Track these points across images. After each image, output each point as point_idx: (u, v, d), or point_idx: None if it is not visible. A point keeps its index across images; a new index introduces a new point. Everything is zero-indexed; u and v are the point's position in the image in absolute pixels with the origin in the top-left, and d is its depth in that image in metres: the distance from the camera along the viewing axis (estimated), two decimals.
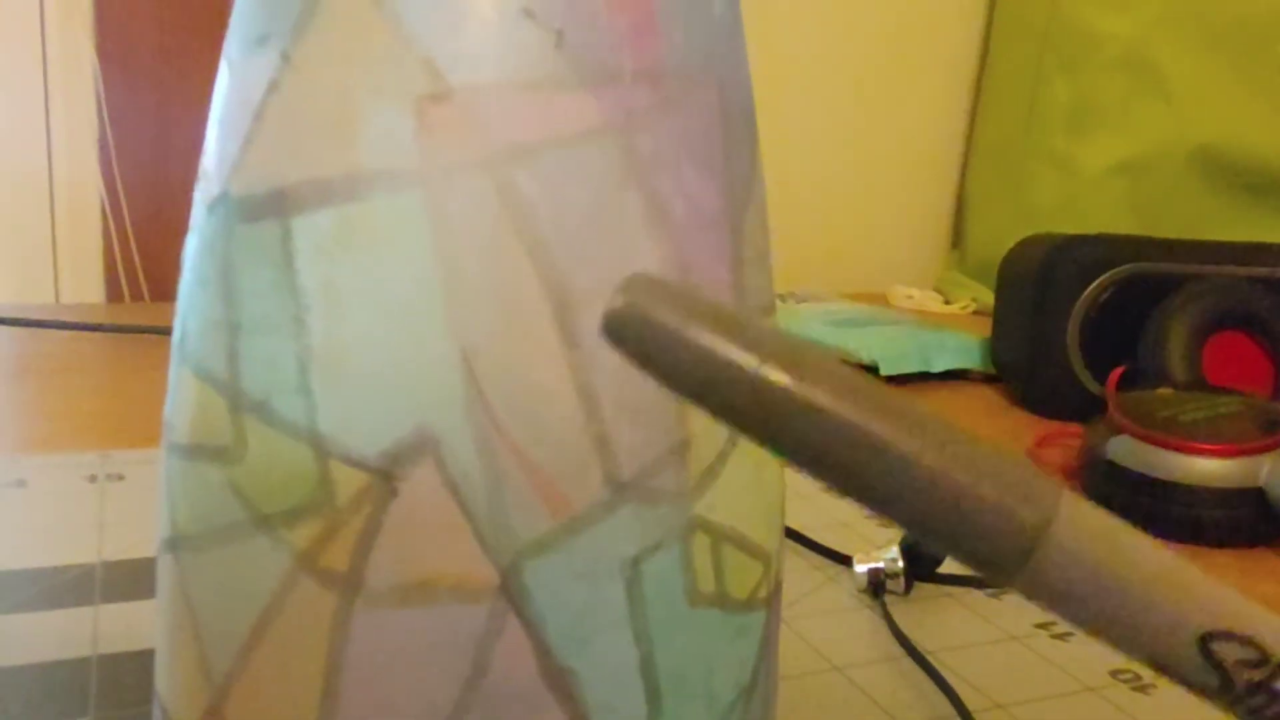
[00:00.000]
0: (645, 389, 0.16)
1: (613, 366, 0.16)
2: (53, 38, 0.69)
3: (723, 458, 0.18)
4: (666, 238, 0.17)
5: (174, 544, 0.18)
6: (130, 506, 0.37)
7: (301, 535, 0.16)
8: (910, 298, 0.85)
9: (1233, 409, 0.42)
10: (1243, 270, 0.54)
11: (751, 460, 0.18)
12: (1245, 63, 0.76)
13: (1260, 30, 0.76)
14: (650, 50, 0.16)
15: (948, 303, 0.84)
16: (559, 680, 0.16)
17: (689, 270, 0.17)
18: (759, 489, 0.19)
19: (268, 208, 0.16)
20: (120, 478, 0.39)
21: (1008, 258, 0.59)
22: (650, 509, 0.17)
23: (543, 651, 0.16)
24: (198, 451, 0.17)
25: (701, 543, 0.17)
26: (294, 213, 0.16)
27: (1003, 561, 0.11)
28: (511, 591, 0.16)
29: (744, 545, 0.18)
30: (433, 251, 0.15)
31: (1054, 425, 0.54)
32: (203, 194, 0.17)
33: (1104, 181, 0.78)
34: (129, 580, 0.32)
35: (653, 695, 0.17)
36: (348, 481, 0.16)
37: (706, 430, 0.17)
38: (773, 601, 0.20)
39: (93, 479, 0.39)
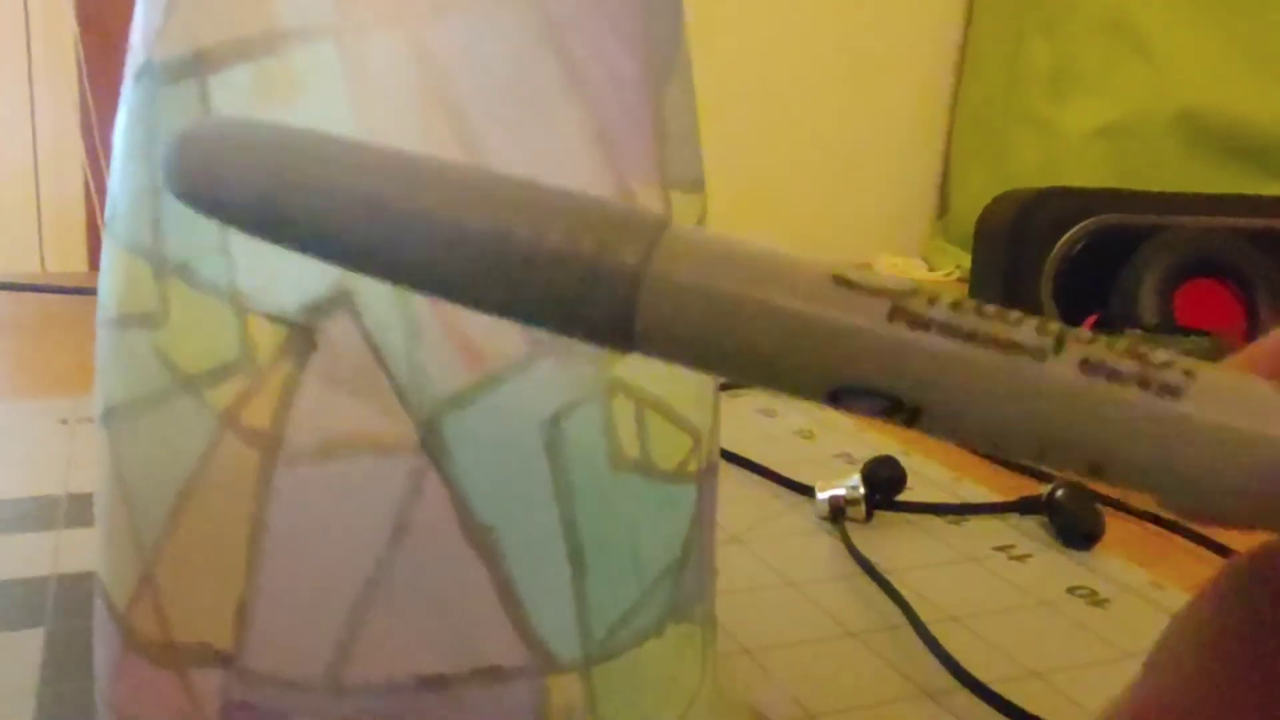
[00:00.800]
0: None
1: None
2: (35, 13, 0.69)
3: None
4: (583, 102, 0.17)
5: (107, 417, 0.18)
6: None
7: (223, 394, 0.16)
8: (895, 266, 0.85)
9: (1202, 347, 0.43)
10: (1214, 220, 0.54)
11: None
12: (1227, 25, 0.76)
13: None
14: None
15: (932, 270, 0.84)
16: (481, 538, 0.17)
17: (607, 136, 0.17)
18: None
19: (187, 69, 0.16)
20: (90, 420, 0.40)
21: (984, 213, 0.59)
22: (569, 365, 0.17)
23: (464, 508, 0.17)
24: (125, 321, 0.17)
25: (624, 406, 0.18)
26: (212, 71, 0.16)
27: (610, 316, 0.10)
28: (431, 447, 0.16)
29: (670, 415, 0.18)
30: (348, 107, 0.16)
31: None
32: (130, 68, 0.17)
33: (1085, 144, 0.78)
34: (92, 509, 0.32)
35: (576, 558, 0.17)
36: (267, 338, 0.16)
37: None
38: (705, 480, 0.20)
39: (64, 421, 0.39)
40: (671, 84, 0.18)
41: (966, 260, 0.84)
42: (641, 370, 0.18)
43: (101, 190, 0.69)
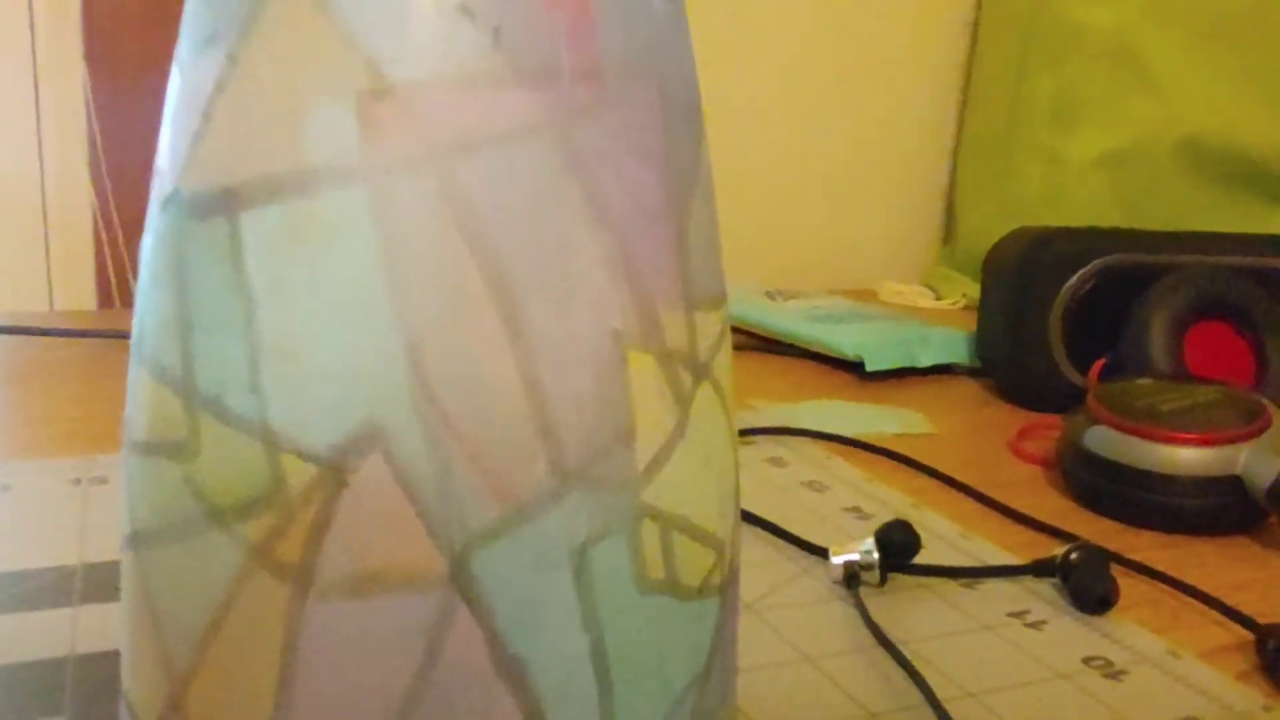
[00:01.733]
0: (590, 379, 0.17)
1: (557, 357, 0.17)
2: (42, 47, 0.69)
3: (670, 446, 0.18)
4: (607, 230, 0.17)
5: (134, 540, 0.18)
6: (112, 509, 0.37)
7: (255, 529, 0.16)
8: (900, 294, 0.85)
9: (1212, 398, 0.43)
10: (1223, 260, 0.54)
11: (700, 449, 0.18)
12: (1229, 55, 0.76)
13: (1245, 23, 0.76)
14: (588, 48, 0.16)
15: (938, 298, 0.84)
16: (510, 668, 0.17)
17: (631, 262, 0.17)
18: (709, 477, 0.19)
19: (217, 205, 0.16)
20: (104, 481, 0.40)
21: (992, 252, 0.59)
22: (597, 497, 0.17)
23: (493, 639, 0.17)
24: (154, 448, 0.18)
25: (650, 530, 0.18)
26: (242, 209, 0.16)
27: None
28: (461, 580, 0.16)
29: (695, 533, 0.19)
30: (377, 246, 0.16)
31: (1036, 417, 0.54)
32: (157, 192, 0.18)
33: (1089, 174, 0.78)
34: (109, 582, 0.32)
35: (604, 682, 0.17)
36: (299, 475, 0.16)
37: (653, 419, 0.18)
38: (728, 589, 0.20)
39: (76, 482, 0.39)
40: (694, 201, 0.19)
41: (973, 289, 0.84)
42: (668, 492, 0.18)
43: (111, 227, 0.69)
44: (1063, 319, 0.54)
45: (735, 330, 0.70)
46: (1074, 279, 0.54)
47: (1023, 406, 0.56)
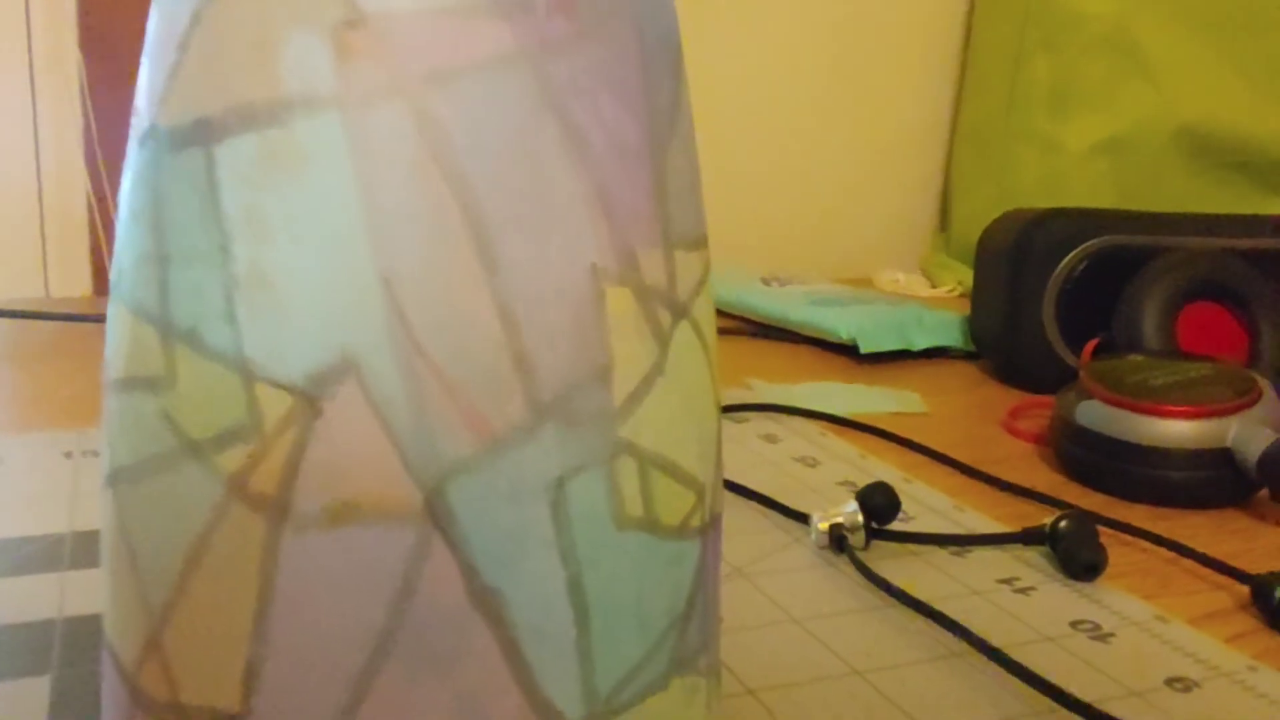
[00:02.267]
0: (566, 313, 0.17)
1: (533, 290, 0.17)
2: (38, 35, 0.69)
3: (647, 383, 0.18)
4: (584, 166, 0.17)
5: (113, 479, 0.18)
6: None
7: (230, 460, 0.16)
8: (896, 281, 0.85)
9: (1203, 373, 0.43)
10: (1216, 241, 0.54)
11: (679, 388, 0.18)
12: (1227, 43, 0.76)
13: (1242, 11, 0.76)
14: None
15: (933, 286, 0.84)
16: (486, 601, 0.17)
17: (609, 199, 0.17)
18: (689, 418, 0.19)
19: (192, 136, 0.16)
20: (95, 454, 0.40)
21: (985, 234, 0.59)
22: (573, 430, 0.17)
23: (469, 572, 0.17)
24: (132, 384, 0.18)
25: (627, 466, 0.18)
26: (217, 140, 0.16)
27: None
28: (436, 512, 0.16)
29: (674, 472, 0.19)
30: (353, 177, 0.16)
31: (1029, 397, 0.54)
32: (135, 129, 0.18)
33: (1087, 161, 0.78)
34: (97, 548, 0.32)
35: (581, 617, 0.18)
36: (274, 405, 0.16)
37: (631, 355, 0.18)
38: (708, 533, 0.20)
39: (68, 455, 0.39)
40: (672, 143, 0.19)
41: (968, 276, 0.84)
42: (646, 429, 0.18)
43: (106, 214, 0.69)
44: (1056, 300, 0.54)
45: (731, 316, 0.70)
46: (1067, 260, 0.54)
47: (1016, 387, 0.56)
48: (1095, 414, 0.41)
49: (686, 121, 0.19)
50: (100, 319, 0.58)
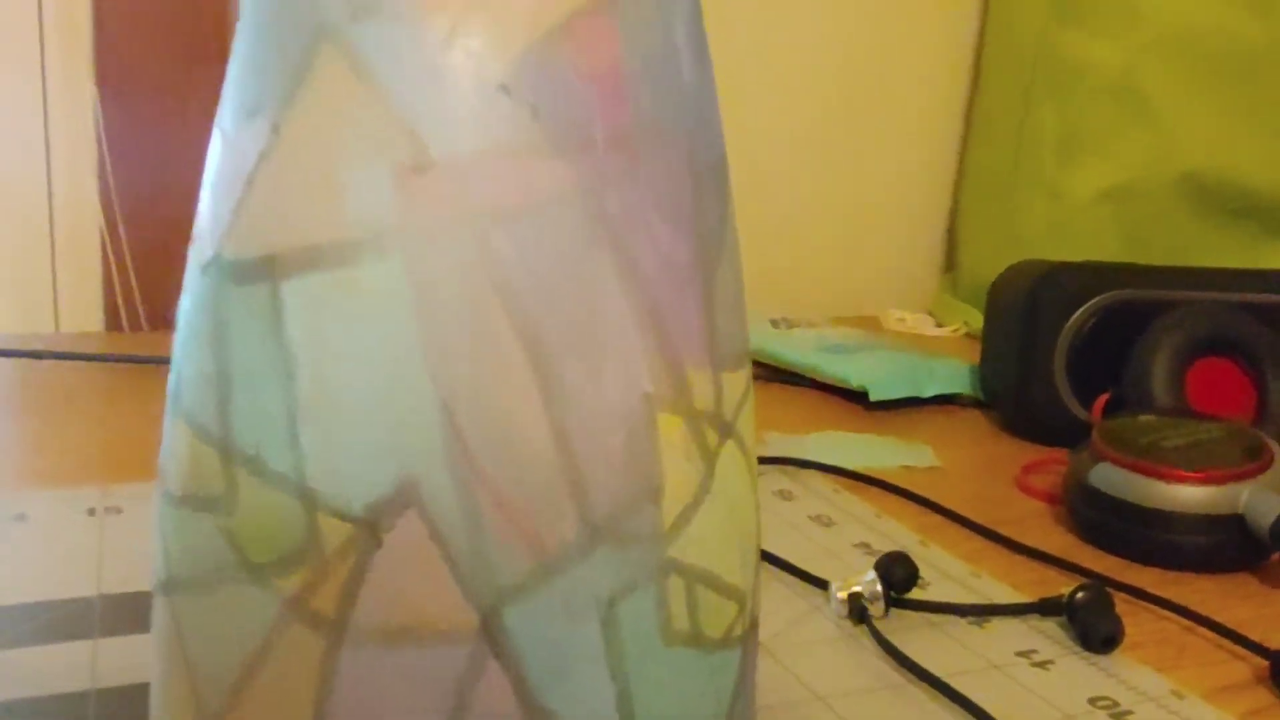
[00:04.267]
0: (620, 439, 0.17)
1: (588, 417, 0.17)
2: (53, 69, 0.70)
3: (695, 503, 0.18)
4: (638, 291, 0.17)
5: (168, 587, 0.19)
6: (128, 540, 0.37)
7: (290, 582, 0.17)
8: (903, 321, 0.86)
9: (1214, 435, 0.43)
10: (1227, 296, 0.55)
11: (724, 504, 0.19)
12: (1232, 92, 0.77)
13: (1247, 60, 0.77)
14: (620, 116, 0.17)
15: (940, 326, 0.84)
16: (538, 717, 0.17)
17: (661, 323, 0.18)
18: (733, 532, 0.19)
19: (258, 272, 0.17)
20: (119, 511, 0.40)
21: (995, 284, 0.60)
22: (624, 551, 0.17)
23: (522, 690, 0.17)
24: (191, 501, 0.18)
25: (676, 584, 0.18)
26: (283, 276, 0.16)
27: None
28: (492, 632, 0.17)
29: (718, 586, 0.19)
30: (414, 311, 0.16)
31: (1042, 451, 0.54)
32: (196, 255, 0.18)
33: (1092, 208, 0.79)
34: (128, 613, 0.33)
35: None
36: (335, 532, 0.17)
37: (680, 477, 0.18)
38: (748, 638, 0.20)
39: (91, 512, 0.40)
40: (721, 263, 0.19)
41: (974, 317, 0.84)
42: (693, 547, 0.18)
43: (118, 250, 0.69)
44: (1067, 354, 0.55)
45: None
46: (1078, 314, 0.54)
47: (1027, 439, 0.57)
48: (1109, 477, 0.42)
49: (733, 239, 0.20)
50: (115, 359, 0.58)
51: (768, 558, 0.38)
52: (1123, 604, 0.37)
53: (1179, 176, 0.78)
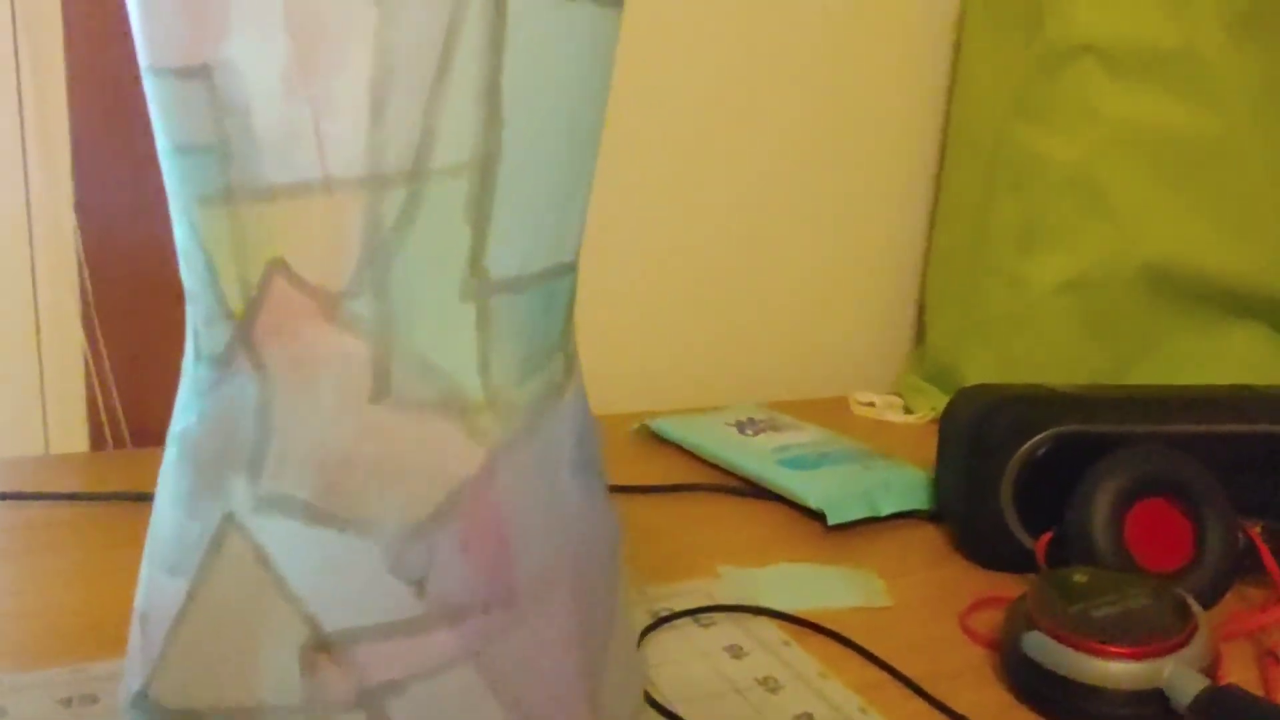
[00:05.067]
0: None
1: None
2: (36, 202, 0.72)
3: None
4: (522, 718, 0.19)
5: None
6: None
7: None
8: (871, 405, 0.88)
9: (1142, 601, 0.45)
10: (1178, 428, 0.57)
11: None
12: (1186, 183, 0.79)
13: (1204, 153, 0.79)
14: (506, 578, 0.19)
15: (909, 412, 0.86)
16: None
17: None
18: None
19: None
20: (94, 700, 0.42)
21: (948, 409, 0.62)
22: None
23: None
24: None
25: None
26: None
27: None
28: None
29: None
30: None
31: (990, 578, 0.56)
32: (126, 683, 0.20)
33: (1053, 297, 0.81)
34: None
35: None
36: None
37: None
38: None
39: (67, 703, 0.42)
40: (610, 649, 0.21)
41: (941, 401, 0.86)
42: None
43: (100, 366, 0.71)
44: (1014, 485, 0.57)
45: (707, 464, 0.73)
46: (1024, 449, 0.56)
47: (978, 564, 0.59)
48: (1039, 646, 0.44)
49: (624, 623, 0.22)
50: (99, 497, 0.60)
51: None
52: None
53: (1139, 266, 0.80)
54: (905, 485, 0.65)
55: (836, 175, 0.92)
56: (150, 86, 0.24)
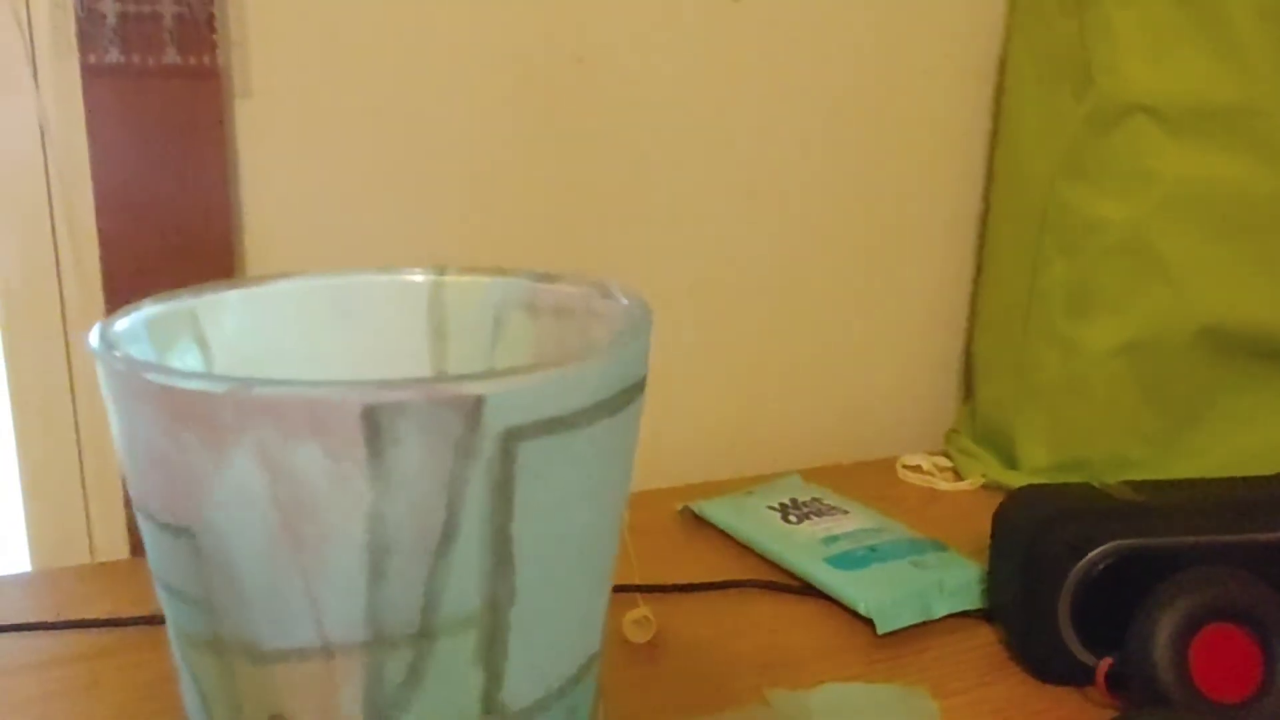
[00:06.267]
0: None
1: None
2: (71, 298, 0.72)
3: None
4: None
5: None
6: None
7: None
8: (918, 469, 0.85)
9: None
10: (1243, 537, 0.54)
11: None
12: (1243, 242, 0.76)
13: (1257, 211, 0.75)
14: None
15: (960, 479, 0.84)
16: None
17: None
18: None
19: None
20: None
21: (1002, 508, 0.60)
22: None
23: None
24: None
25: None
26: None
27: None
28: None
29: None
30: None
31: (1049, 694, 0.55)
32: None
33: (1107, 362, 0.78)
34: None
35: None
36: None
37: None
38: None
39: None
40: None
41: (992, 466, 0.84)
42: None
43: None
44: (1072, 600, 0.54)
45: (753, 554, 0.71)
46: (1083, 563, 0.54)
47: (1033, 675, 0.57)
48: None
49: None
50: (104, 624, 0.60)
51: None
52: None
53: (1196, 329, 0.77)
54: (958, 584, 0.63)
55: (876, 228, 0.90)
56: (141, 523, 0.22)
